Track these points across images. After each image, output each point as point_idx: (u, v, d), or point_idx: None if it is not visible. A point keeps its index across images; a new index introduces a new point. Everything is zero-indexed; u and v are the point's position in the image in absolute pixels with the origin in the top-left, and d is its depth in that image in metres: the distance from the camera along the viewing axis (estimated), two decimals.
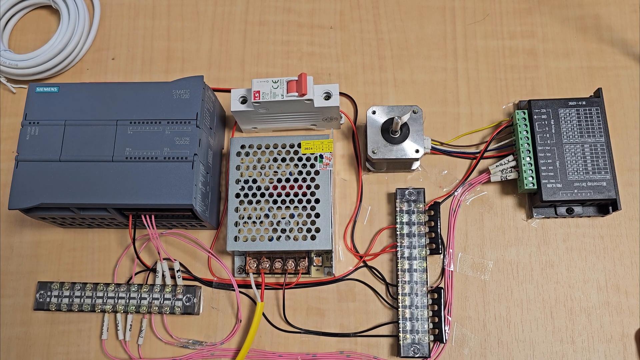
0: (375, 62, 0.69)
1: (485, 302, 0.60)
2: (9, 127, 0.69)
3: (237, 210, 0.58)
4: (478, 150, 0.64)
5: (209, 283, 0.61)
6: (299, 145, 0.59)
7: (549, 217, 0.61)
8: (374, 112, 0.60)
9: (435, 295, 0.58)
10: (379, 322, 0.60)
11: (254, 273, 0.60)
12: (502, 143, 0.63)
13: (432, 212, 0.60)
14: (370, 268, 0.61)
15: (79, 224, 0.62)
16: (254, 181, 0.58)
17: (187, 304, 0.60)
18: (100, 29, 0.72)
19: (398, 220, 0.60)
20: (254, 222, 0.57)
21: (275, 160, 0.59)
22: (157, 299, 0.60)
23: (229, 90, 0.66)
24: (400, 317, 0.58)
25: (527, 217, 0.62)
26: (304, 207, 0.57)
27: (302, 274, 0.60)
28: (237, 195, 0.58)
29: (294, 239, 0.56)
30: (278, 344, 0.60)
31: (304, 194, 0.58)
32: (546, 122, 0.60)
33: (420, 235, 0.60)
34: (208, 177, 0.60)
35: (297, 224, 0.57)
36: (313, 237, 0.56)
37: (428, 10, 0.70)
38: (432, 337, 0.57)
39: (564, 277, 0.60)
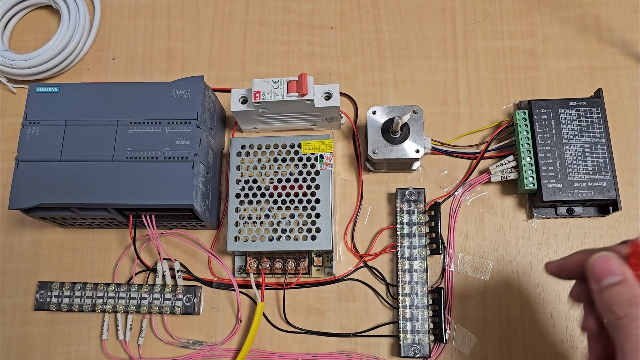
0: (375, 62, 0.68)
1: (485, 303, 0.60)
2: (9, 127, 0.69)
3: (237, 210, 0.58)
4: (478, 151, 0.64)
5: (209, 283, 0.61)
6: (299, 146, 0.59)
7: (549, 218, 0.61)
8: (374, 112, 0.60)
9: (436, 296, 0.58)
10: (379, 322, 0.60)
11: (254, 273, 0.60)
12: (502, 143, 0.63)
13: (433, 212, 0.60)
14: (371, 268, 0.61)
15: (79, 224, 0.62)
16: (254, 181, 0.58)
17: (188, 304, 0.60)
18: (101, 29, 0.72)
19: (398, 221, 0.60)
20: (254, 222, 0.57)
21: (275, 160, 0.59)
22: (158, 299, 0.60)
23: (229, 90, 0.66)
24: (401, 317, 0.58)
25: (528, 217, 0.62)
26: (304, 207, 0.57)
27: (303, 274, 0.60)
28: (238, 196, 0.58)
29: (294, 239, 0.56)
30: (278, 344, 0.60)
31: (304, 194, 0.58)
32: (546, 122, 0.60)
33: (421, 235, 0.60)
34: (208, 177, 0.60)
35: (298, 224, 0.57)
36: (313, 237, 0.56)
37: (428, 11, 0.70)
38: (432, 338, 0.57)
39: None
